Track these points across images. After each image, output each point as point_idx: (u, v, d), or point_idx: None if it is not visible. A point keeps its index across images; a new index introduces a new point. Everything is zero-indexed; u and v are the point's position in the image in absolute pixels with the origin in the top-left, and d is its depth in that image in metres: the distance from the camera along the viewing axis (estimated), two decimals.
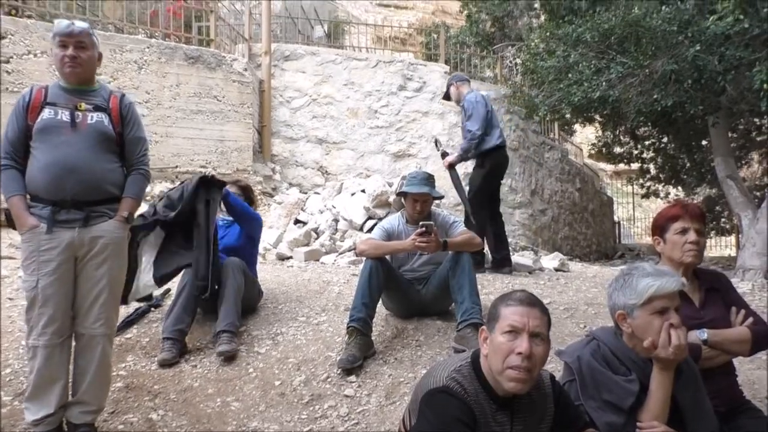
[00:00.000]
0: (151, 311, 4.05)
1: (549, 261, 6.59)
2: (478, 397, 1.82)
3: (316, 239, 6.55)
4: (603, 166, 19.36)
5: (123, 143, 2.82)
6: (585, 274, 6.17)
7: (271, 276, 4.98)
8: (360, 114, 8.96)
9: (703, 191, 14.31)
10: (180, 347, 3.50)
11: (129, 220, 2.81)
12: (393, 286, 3.63)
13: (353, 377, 3.23)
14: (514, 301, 1.84)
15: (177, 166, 7.18)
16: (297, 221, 7.16)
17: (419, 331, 3.70)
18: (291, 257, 6.09)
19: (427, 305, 3.81)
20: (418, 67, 9.43)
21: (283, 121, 8.70)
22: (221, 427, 2.90)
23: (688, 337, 1.94)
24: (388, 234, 3.74)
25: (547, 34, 8.09)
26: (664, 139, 12.09)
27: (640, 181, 13.92)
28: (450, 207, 8.21)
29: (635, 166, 13.77)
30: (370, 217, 6.73)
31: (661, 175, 13.25)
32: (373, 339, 3.48)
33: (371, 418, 2.91)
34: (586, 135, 16.60)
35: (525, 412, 1.87)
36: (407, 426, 2.00)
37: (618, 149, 13.04)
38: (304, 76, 8.89)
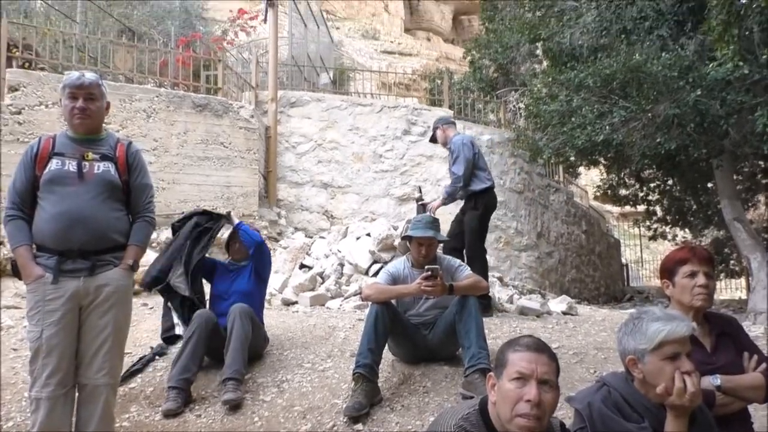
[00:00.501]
0: (155, 359, 4.01)
1: (557, 304, 6.51)
2: None
3: (322, 284, 6.51)
4: (609, 208, 19.36)
5: (129, 190, 2.85)
6: (594, 317, 6.08)
7: (277, 322, 4.94)
8: (365, 158, 9.01)
9: (710, 233, 14.26)
10: (185, 396, 3.45)
11: (134, 267, 2.81)
12: (399, 330, 3.59)
13: (360, 425, 3.16)
14: (522, 347, 1.82)
15: (183, 213, 7.18)
16: (302, 266, 7.13)
17: (426, 377, 3.65)
18: (296, 302, 6.05)
19: (434, 350, 3.76)
20: (422, 111, 9.50)
21: (289, 166, 8.76)
22: None
23: (701, 382, 1.90)
24: (394, 278, 3.72)
25: (550, 80, 8.21)
26: (670, 182, 12.12)
27: (647, 223, 13.89)
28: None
29: (641, 208, 13.76)
30: (375, 261, 6.70)
31: (667, 217, 13.23)
32: (379, 385, 3.42)
33: None
34: (591, 177, 16.65)
35: None
36: None
37: (623, 191, 13.05)
38: (309, 121, 8.98)
